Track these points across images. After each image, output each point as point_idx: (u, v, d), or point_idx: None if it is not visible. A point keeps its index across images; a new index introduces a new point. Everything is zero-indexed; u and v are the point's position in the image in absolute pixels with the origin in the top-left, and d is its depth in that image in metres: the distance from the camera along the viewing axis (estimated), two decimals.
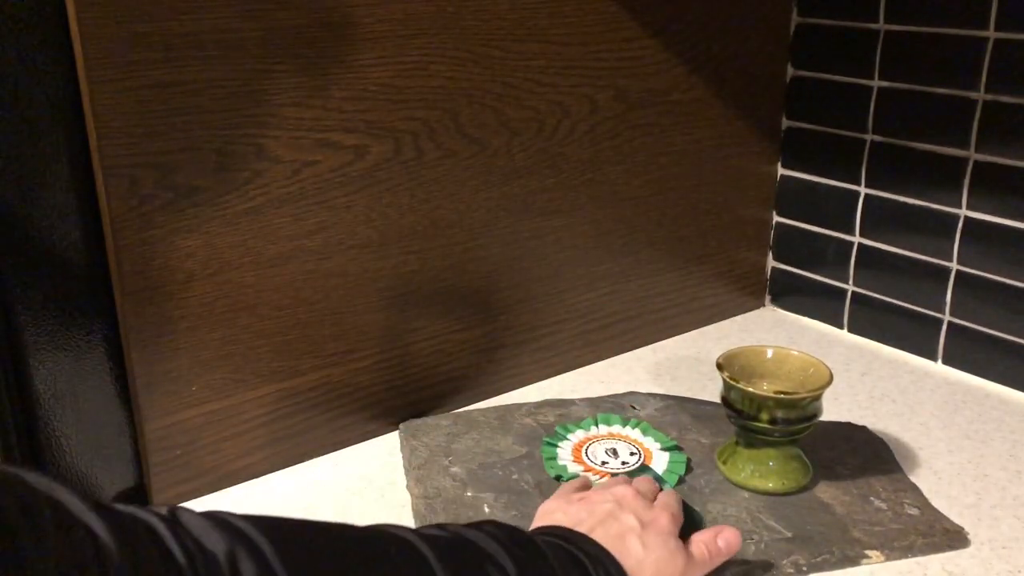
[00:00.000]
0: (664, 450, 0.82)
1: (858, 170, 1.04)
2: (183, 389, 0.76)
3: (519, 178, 0.90)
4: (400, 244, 0.84)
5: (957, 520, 0.74)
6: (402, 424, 0.88)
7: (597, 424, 0.86)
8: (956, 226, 0.96)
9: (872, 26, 0.99)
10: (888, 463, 0.82)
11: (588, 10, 0.90)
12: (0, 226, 0.67)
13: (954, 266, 0.98)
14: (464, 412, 0.91)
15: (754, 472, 0.77)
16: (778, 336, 1.09)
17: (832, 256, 1.09)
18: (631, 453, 0.82)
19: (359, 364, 0.85)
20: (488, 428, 0.87)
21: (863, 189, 1.04)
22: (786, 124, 1.10)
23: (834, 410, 0.91)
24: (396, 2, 0.78)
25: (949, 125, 0.95)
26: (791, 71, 1.08)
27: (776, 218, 1.14)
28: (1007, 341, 0.95)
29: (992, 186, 0.93)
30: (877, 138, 1.02)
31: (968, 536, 0.73)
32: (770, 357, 0.80)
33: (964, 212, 0.96)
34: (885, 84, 1.00)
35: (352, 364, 0.85)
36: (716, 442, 0.84)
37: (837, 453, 0.83)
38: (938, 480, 0.81)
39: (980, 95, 0.92)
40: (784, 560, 0.69)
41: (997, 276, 0.94)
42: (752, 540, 0.71)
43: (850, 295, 1.08)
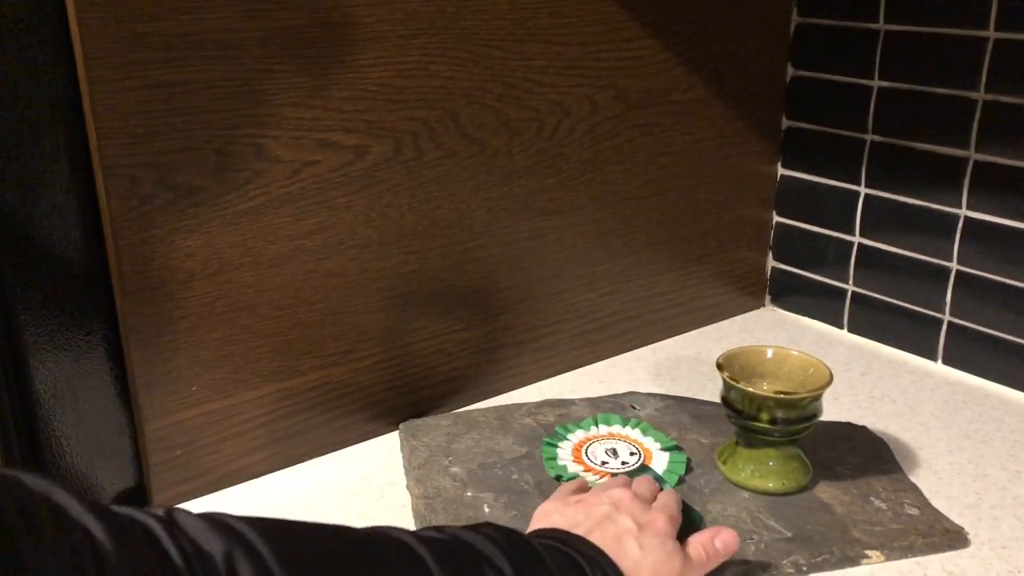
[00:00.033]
0: (664, 450, 0.82)
1: (858, 170, 1.04)
2: (183, 389, 0.76)
3: (519, 178, 0.90)
4: (400, 244, 0.84)
5: (957, 520, 0.74)
6: (402, 424, 0.88)
7: (597, 424, 0.86)
8: (956, 226, 0.96)
9: (872, 26, 0.99)
10: (888, 463, 0.82)
11: (588, 10, 0.90)
12: (0, 226, 0.67)
13: (954, 266, 0.98)
14: (464, 412, 0.91)
15: (754, 472, 0.77)
16: (778, 336, 1.09)
17: (832, 256, 1.09)
18: (631, 453, 0.82)
19: (359, 364, 0.85)
20: (488, 428, 0.87)
21: (863, 189, 1.04)
22: (786, 124, 1.10)
23: (834, 410, 0.91)
24: (396, 2, 0.78)
25: (949, 125, 0.95)
26: (791, 71, 1.08)
27: (776, 218, 1.14)
28: (1007, 341, 0.95)
29: (992, 186, 0.93)
30: (877, 138, 1.02)
31: (968, 536, 0.73)
32: (770, 357, 0.80)
33: (964, 212, 0.96)
34: (885, 84, 1.00)
35: (352, 364, 0.85)
36: (716, 442, 0.84)
37: (837, 453, 0.83)
38: (938, 480, 0.81)
39: (980, 95, 0.92)
40: (784, 560, 0.69)
41: (997, 276, 0.94)
42: (752, 540, 0.71)
43: (850, 295, 1.08)
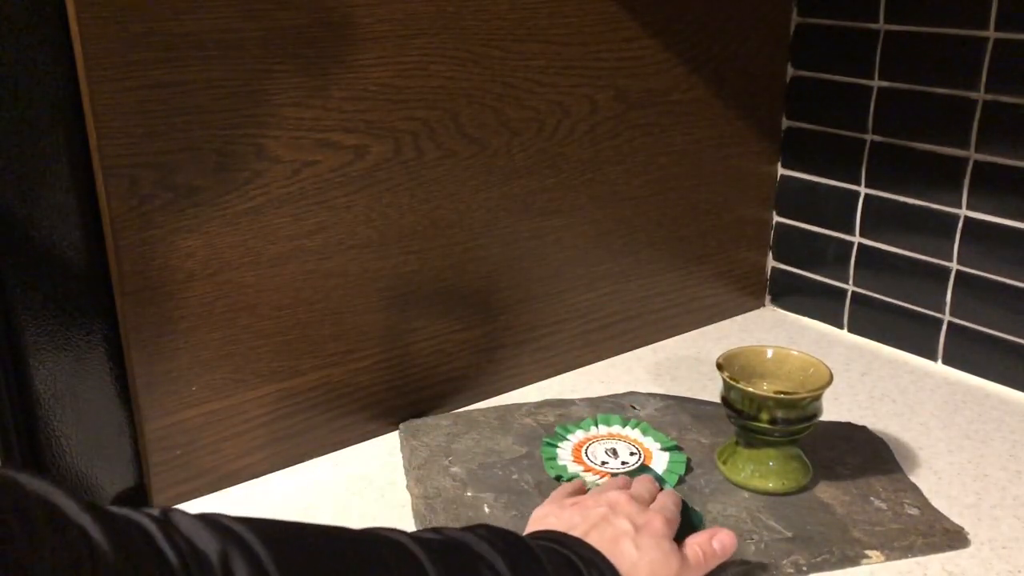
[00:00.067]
0: (664, 450, 0.82)
1: (858, 170, 1.04)
2: (183, 389, 0.76)
3: (519, 178, 0.90)
4: (400, 244, 0.84)
5: (957, 520, 0.74)
6: (402, 424, 0.88)
7: (597, 424, 0.86)
8: (956, 226, 0.96)
9: (872, 26, 0.99)
10: (888, 463, 0.82)
11: (588, 10, 0.90)
12: (0, 226, 0.67)
13: (954, 266, 0.98)
14: (464, 412, 0.91)
15: (754, 472, 0.77)
16: (778, 336, 1.09)
17: (832, 256, 1.09)
18: (631, 453, 0.82)
19: (359, 364, 0.85)
20: (488, 428, 0.87)
21: (863, 189, 1.04)
22: (786, 124, 1.10)
23: (834, 410, 0.91)
24: (396, 2, 0.78)
25: (949, 125, 0.95)
26: (791, 71, 1.08)
27: (776, 218, 1.14)
28: (1007, 341, 0.95)
29: (992, 186, 0.93)
30: (877, 138, 1.02)
31: (968, 536, 0.73)
32: (770, 357, 0.80)
33: (964, 212, 0.96)
34: (885, 84, 1.00)
35: (352, 364, 0.85)
36: (716, 442, 0.84)
37: (837, 453, 0.83)
38: (938, 480, 0.81)
39: (980, 95, 0.92)
40: (784, 560, 0.69)
41: (997, 276, 0.94)
42: (752, 540, 0.71)
43: (850, 295, 1.08)
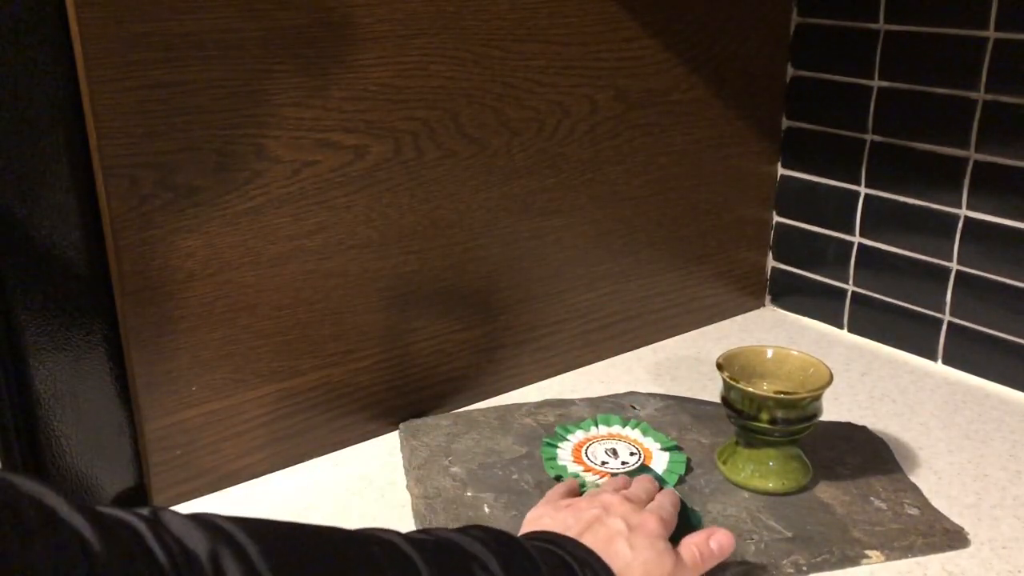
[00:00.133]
0: (664, 450, 0.82)
1: (858, 170, 1.04)
2: (183, 389, 0.76)
3: (519, 178, 0.90)
4: (400, 244, 0.84)
5: (957, 520, 0.74)
6: (402, 424, 0.88)
7: (597, 425, 0.86)
8: (956, 226, 0.96)
9: (872, 26, 0.99)
10: (888, 463, 0.82)
11: (588, 10, 0.90)
12: (0, 226, 0.67)
13: (954, 266, 0.98)
14: (464, 412, 0.91)
15: (754, 472, 0.77)
16: (778, 336, 1.09)
17: (832, 256, 1.09)
18: (631, 453, 0.82)
19: (359, 364, 0.85)
20: (488, 428, 0.87)
21: (863, 189, 1.04)
22: (786, 124, 1.10)
23: (834, 410, 0.91)
24: (396, 2, 0.78)
25: (949, 125, 0.95)
26: (791, 71, 1.08)
27: (776, 218, 1.14)
28: (1007, 341, 0.95)
29: (992, 186, 0.93)
30: (877, 138, 1.02)
31: (968, 536, 0.73)
32: (770, 357, 0.80)
33: (964, 212, 0.96)
34: (885, 84, 1.00)
35: (352, 364, 0.85)
36: (716, 442, 0.84)
37: (837, 453, 0.83)
38: (938, 480, 0.81)
39: (980, 95, 0.92)
40: (784, 560, 0.69)
41: (997, 276, 0.94)
42: (752, 540, 0.71)
43: (850, 295, 1.08)
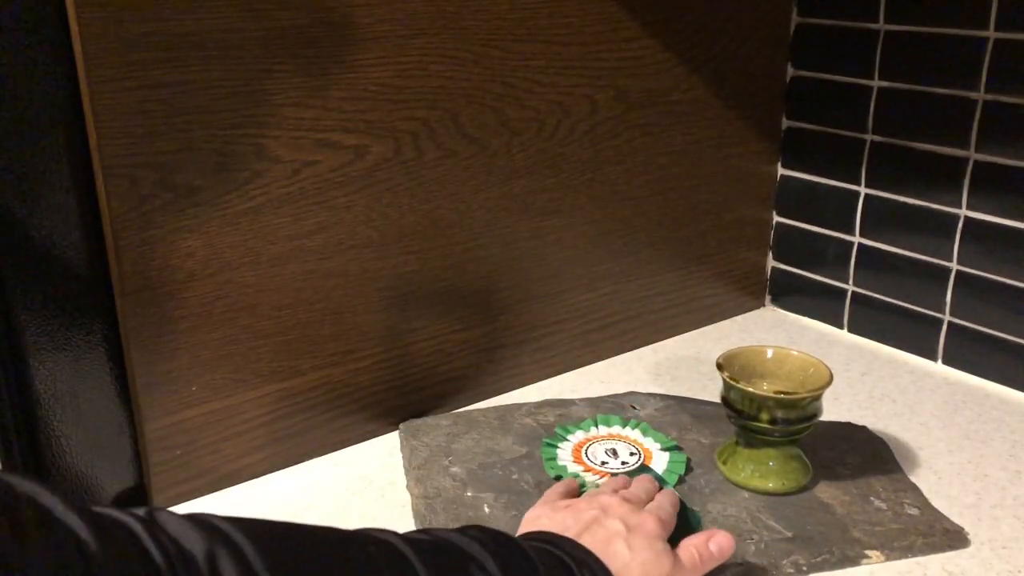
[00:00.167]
0: (664, 450, 0.82)
1: (858, 170, 1.04)
2: (183, 389, 0.76)
3: (519, 178, 0.90)
4: (400, 244, 0.84)
5: (957, 520, 0.74)
6: (402, 424, 0.88)
7: (597, 425, 0.86)
8: (956, 226, 0.96)
9: (872, 26, 0.99)
10: (888, 463, 0.82)
11: (588, 10, 0.90)
12: (0, 226, 0.67)
13: (954, 266, 0.98)
14: (464, 412, 0.91)
15: (754, 472, 0.77)
16: (778, 336, 1.09)
17: (832, 256, 1.09)
18: (631, 453, 0.82)
19: (359, 364, 0.85)
20: (488, 428, 0.87)
21: (863, 189, 1.04)
22: (786, 124, 1.10)
23: (834, 410, 0.91)
24: (396, 2, 0.78)
25: (949, 125, 0.95)
26: (791, 71, 1.08)
27: (776, 218, 1.14)
28: (1007, 341, 0.95)
29: (992, 186, 0.93)
30: (877, 138, 1.02)
31: (968, 536, 0.73)
32: (770, 357, 0.80)
33: (964, 212, 0.96)
34: (885, 84, 1.00)
35: (352, 364, 0.85)
36: (716, 442, 0.84)
37: (837, 453, 0.83)
38: (938, 480, 0.81)
39: (980, 95, 0.92)
40: (784, 560, 0.69)
41: (997, 276, 0.94)
42: (752, 540, 0.71)
43: (850, 295, 1.08)
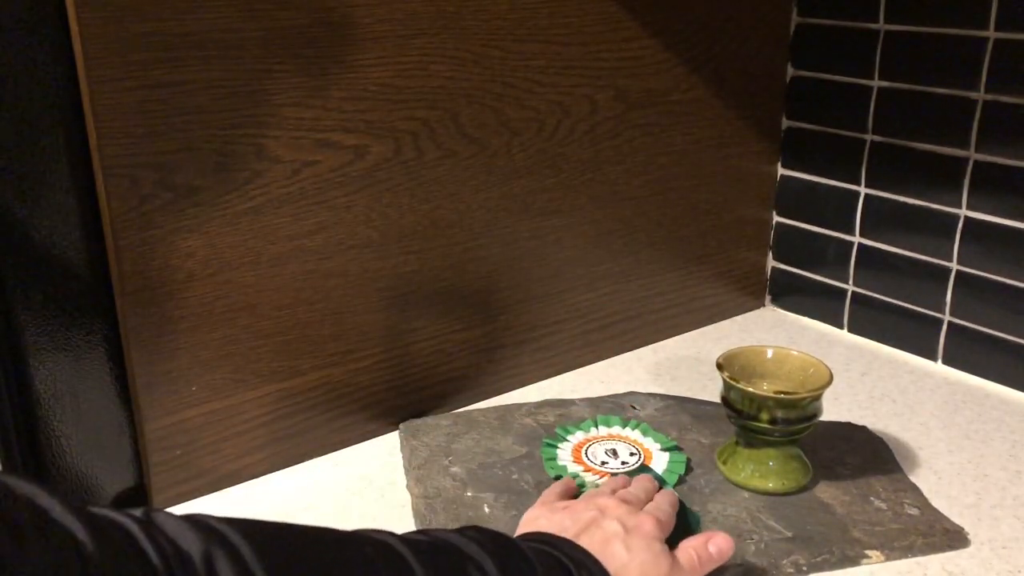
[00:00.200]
0: (664, 450, 0.82)
1: (858, 170, 1.04)
2: (183, 389, 0.76)
3: (519, 178, 0.90)
4: (400, 244, 0.84)
5: (957, 520, 0.74)
6: (402, 424, 0.88)
7: (597, 426, 0.86)
8: (956, 226, 0.96)
9: (872, 26, 0.99)
10: (888, 463, 0.82)
11: (588, 10, 0.90)
12: (0, 226, 0.67)
13: (954, 266, 0.98)
14: (464, 412, 0.91)
15: (754, 472, 0.77)
16: (778, 336, 1.09)
17: (832, 256, 1.09)
18: (631, 453, 0.82)
19: (359, 364, 0.85)
20: (488, 428, 0.87)
21: (863, 189, 1.04)
22: (786, 124, 1.10)
23: (834, 410, 0.91)
24: (396, 2, 0.78)
25: (949, 125, 0.95)
26: (791, 71, 1.08)
27: (776, 218, 1.14)
28: (1007, 341, 0.95)
29: (992, 186, 0.93)
30: (877, 138, 1.02)
31: (968, 536, 0.73)
32: (770, 357, 0.80)
33: (964, 212, 0.96)
34: (885, 84, 1.00)
35: (352, 364, 0.85)
36: (716, 442, 0.84)
37: (837, 453, 0.83)
38: (938, 480, 0.81)
39: (980, 95, 0.92)
40: (784, 560, 0.69)
41: (997, 276, 0.94)
42: (752, 540, 0.71)
43: (850, 295, 1.08)
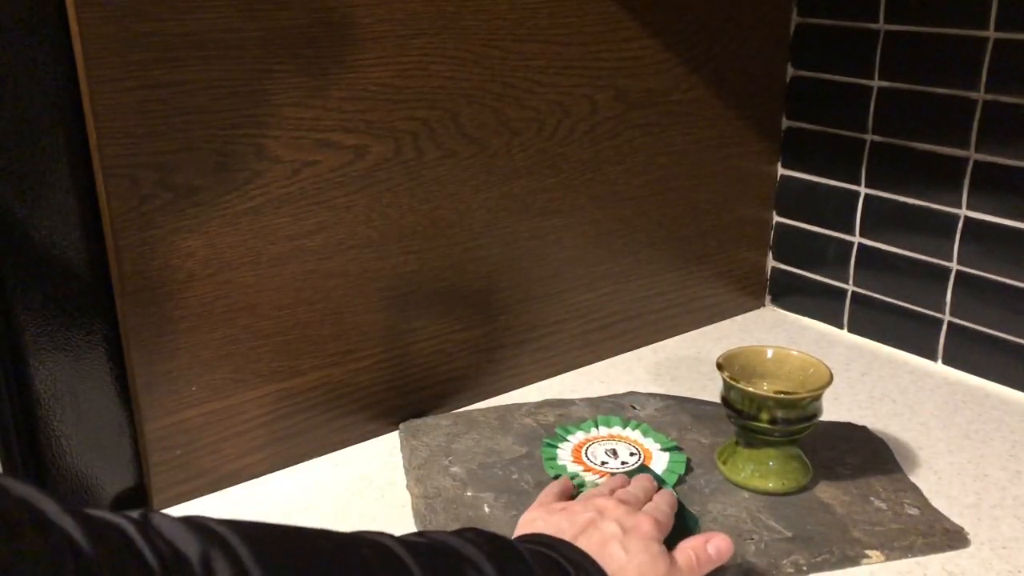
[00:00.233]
0: (664, 451, 0.82)
1: (858, 170, 1.04)
2: (183, 389, 0.76)
3: (519, 178, 0.90)
4: (400, 244, 0.84)
5: (957, 520, 0.74)
6: (402, 424, 0.88)
7: (597, 426, 0.86)
8: (956, 226, 0.96)
9: (872, 26, 0.99)
10: (888, 463, 0.82)
11: (588, 10, 0.90)
12: (0, 226, 0.67)
13: (954, 266, 0.98)
14: (464, 412, 0.91)
15: (754, 472, 0.77)
16: (778, 336, 1.09)
17: (832, 256, 1.09)
18: (631, 453, 0.82)
19: (359, 364, 0.85)
20: (488, 428, 0.87)
21: (863, 189, 1.04)
22: (786, 124, 1.10)
23: (834, 410, 0.91)
24: (396, 2, 0.78)
25: (949, 125, 0.95)
26: (791, 71, 1.08)
27: (776, 218, 1.14)
28: (1007, 341, 0.95)
29: (992, 186, 0.93)
30: (877, 138, 1.02)
31: (968, 536, 0.73)
32: (770, 357, 0.80)
33: (964, 212, 0.96)
34: (885, 84, 1.00)
35: (352, 364, 0.85)
36: (716, 442, 0.84)
37: (837, 453, 0.83)
38: (938, 480, 0.81)
39: (980, 95, 0.92)
40: (784, 560, 0.69)
41: (997, 276, 0.94)
42: (752, 540, 0.71)
43: (850, 295, 1.08)
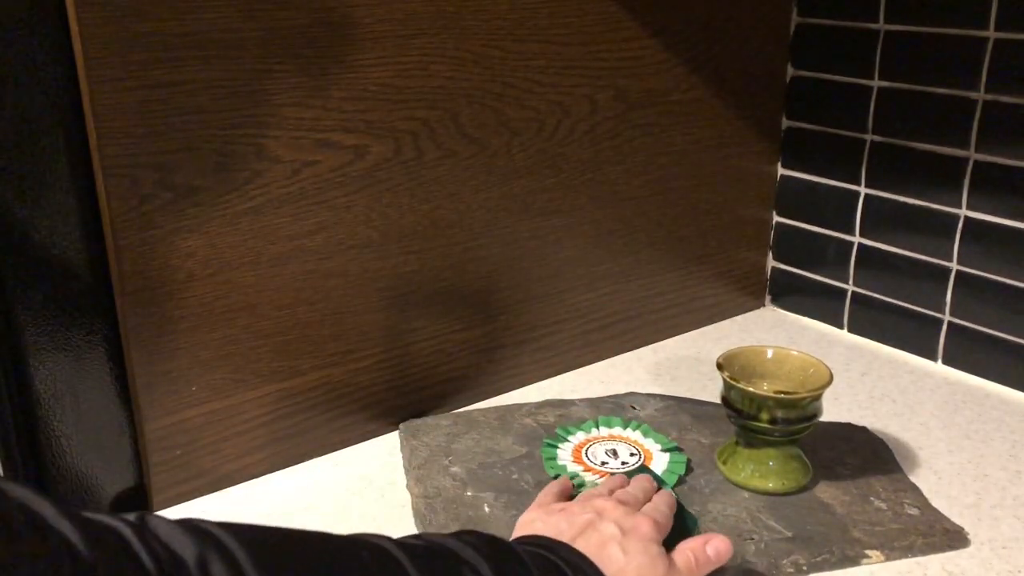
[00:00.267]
0: (664, 451, 0.82)
1: (858, 170, 1.04)
2: (183, 389, 0.76)
3: (519, 178, 0.90)
4: (400, 244, 0.84)
5: (957, 520, 0.74)
6: (402, 424, 0.88)
7: (598, 426, 0.86)
8: (956, 226, 0.96)
9: (872, 26, 0.99)
10: (888, 463, 0.82)
11: (588, 10, 0.90)
12: (0, 226, 0.67)
13: (954, 266, 0.98)
14: (464, 412, 0.91)
15: (754, 472, 0.77)
16: (778, 336, 1.09)
17: (832, 256, 1.09)
18: (631, 454, 0.82)
19: (359, 364, 0.85)
20: (488, 428, 0.87)
21: (863, 189, 1.04)
22: (786, 124, 1.10)
23: (834, 410, 0.91)
24: (396, 2, 0.78)
25: (949, 125, 0.95)
26: (791, 71, 1.08)
27: (776, 218, 1.14)
28: (1007, 341, 0.95)
29: (992, 186, 0.93)
30: (877, 138, 1.02)
31: (968, 536, 0.73)
32: (770, 357, 0.80)
33: (964, 212, 0.96)
34: (885, 84, 1.00)
35: (352, 364, 0.85)
36: (716, 442, 0.84)
37: (837, 453, 0.83)
38: (938, 480, 0.81)
39: (980, 95, 0.92)
40: (784, 560, 0.69)
41: (997, 276, 0.94)
42: (752, 540, 0.71)
43: (850, 295, 1.08)
